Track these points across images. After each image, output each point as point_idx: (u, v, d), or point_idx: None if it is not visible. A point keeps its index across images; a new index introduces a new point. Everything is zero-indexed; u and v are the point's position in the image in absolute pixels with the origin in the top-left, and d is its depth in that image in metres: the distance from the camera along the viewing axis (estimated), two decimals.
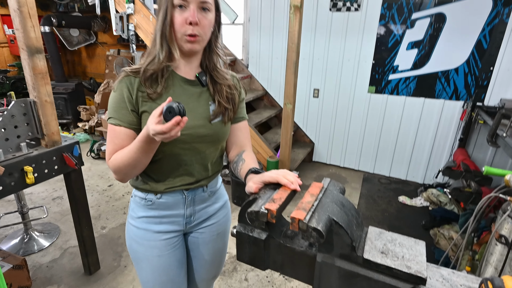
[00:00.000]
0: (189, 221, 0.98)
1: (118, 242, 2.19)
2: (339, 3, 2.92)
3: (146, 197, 0.92)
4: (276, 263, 0.62)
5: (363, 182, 3.12)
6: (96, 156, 3.55)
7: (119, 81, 0.83)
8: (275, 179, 0.68)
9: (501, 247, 1.27)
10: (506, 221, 1.23)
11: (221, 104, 0.89)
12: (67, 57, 5.20)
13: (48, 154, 1.50)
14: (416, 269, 0.48)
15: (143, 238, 0.94)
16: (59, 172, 1.56)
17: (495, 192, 1.32)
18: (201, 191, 0.96)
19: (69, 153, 1.58)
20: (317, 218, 0.51)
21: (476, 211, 1.41)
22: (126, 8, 3.00)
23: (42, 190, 2.87)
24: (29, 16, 1.34)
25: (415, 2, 2.65)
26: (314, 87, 3.31)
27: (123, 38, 3.26)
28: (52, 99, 1.51)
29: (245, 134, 0.99)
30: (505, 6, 2.39)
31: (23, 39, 1.35)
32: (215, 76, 0.90)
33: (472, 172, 2.26)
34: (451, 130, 2.81)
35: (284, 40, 3.24)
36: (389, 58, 2.88)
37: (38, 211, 2.53)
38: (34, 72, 1.40)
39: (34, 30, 1.37)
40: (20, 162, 1.38)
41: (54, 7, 4.47)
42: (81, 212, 1.74)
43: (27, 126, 1.47)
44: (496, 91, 2.57)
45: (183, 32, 0.79)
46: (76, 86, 4.15)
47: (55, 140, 1.54)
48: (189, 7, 0.78)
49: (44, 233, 2.24)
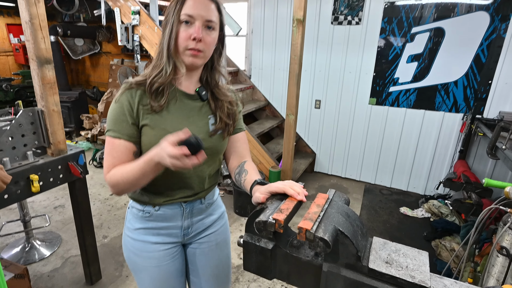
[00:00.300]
0: (187, 233, 0.99)
1: (120, 252, 2.19)
2: (340, 17, 3.02)
3: (144, 209, 0.94)
4: (283, 273, 0.63)
5: (365, 193, 3.16)
6: (99, 164, 3.59)
7: (120, 93, 0.85)
8: (282, 189, 0.69)
9: (502, 258, 1.28)
10: (506, 233, 1.25)
11: (222, 120, 0.92)
12: (71, 66, 5.30)
13: (53, 162, 1.52)
14: (420, 278, 0.49)
15: (141, 249, 0.95)
16: (64, 180, 1.59)
17: (495, 204, 1.35)
18: (198, 203, 0.98)
19: (75, 162, 1.60)
20: (323, 228, 0.53)
21: (477, 223, 1.43)
22: (131, 19, 3.09)
23: (44, 199, 2.90)
24: (40, 28, 1.39)
25: (415, 16, 2.75)
26: (316, 98, 3.38)
27: (127, 48, 3.34)
28: (60, 108, 1.55)
29: (244, 145, 1.01)
30: (502, 21, 2.49)
31: (33, 50, 1.40)
32: (216, 93, 0.93)
33: (473, 183, 2.30)
34: (451, 142, 2.87)
35: (286, 52, 3.34)
36: (390, 71, 2.96)
37: (40, 220, 2.55)
38: (43, 82, 1.45)
39: (44, 41, 1.42)
40: (26, 170, 1.41)
41: (60, 17, 4.60)
42: (84, 220, 1.75)
43: (34, 135, 1.50)
44: (495, 104, 2.64)
45: (186, 46, 0.82)
46: (79, 95, 4.24)
47: (61, 149, 1.58)
48: (194, 24, 0.81)
49: (46, 242, 2.25)
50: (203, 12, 0.81)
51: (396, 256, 0.54)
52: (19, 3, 1.37)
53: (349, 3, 2.96)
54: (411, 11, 2.75)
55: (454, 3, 2.59)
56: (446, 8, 2.62)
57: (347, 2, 2.96)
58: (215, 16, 0.84)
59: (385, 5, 2.82)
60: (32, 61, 1.42)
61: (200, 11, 0.81)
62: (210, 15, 0.82)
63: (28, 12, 1.34)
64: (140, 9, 2.98)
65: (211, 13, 0.82)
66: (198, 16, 0.81)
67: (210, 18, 0.82)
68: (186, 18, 0.81)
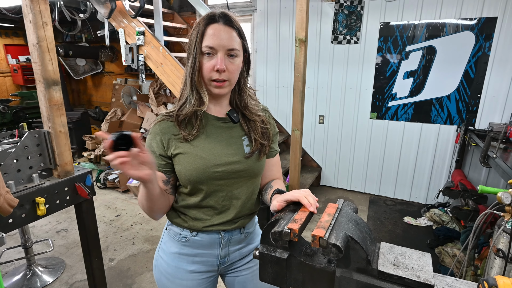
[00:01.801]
0: (223, 262, 1.01)
1: (128, 274, 2.23)
2: (339, 37, 3.37)
3: (181, 232, 0.96)
4: (297, 281, 0.68)
5: (370, 204, 3.43)
6: (103, 186, 3.69)
7: (153, 125, 0.92)
8: (296, 197, 0.74)
9: (499, 260, 1.38)
10: (501, 236, 1.36)
11: (257, 141, 0.94)
12: (72, 86, 5.43)
13: (60, 184, 1.53)
14: (424, 277, 0.55)
15: (174, 275, 0.98)
16: (70, 202, 1.60)
17: (490, 209, 1.45)
18: (238, 232, 0.99)
19: (82, 183, 1.62)
20: (335, 235, 0.58)
21: (475, 228, 1.55)
22: (136, 39, 3.27)
23: (45, 223, 2.89)
24: (47, 50, 1.43)
25: (408, 36, 3.11)
26: (319, 114, 3.70)
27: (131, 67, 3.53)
28: (67, 129, 1.58)
29: (278, 168, 1.06)
30: (486, 40, 2.86)
31: (40, 72, 1.44)
32: (248, 115, 0.95)
33: (469, 191, 2.58)
34: (447, 152, 3.20)
35: (290, 70, 3.65)
36: (388, 86, 3.30)
37: (42, 245, 2.54)
38: (50, 104, 1.48)
39: (52, 63, 1.46)
40: (32, 193, 1.41)
41: (60, 38, 4.77)
42: (92, 243, 1.76)
43: (40, 156, 1.51)
44: (485, 116, 2.99)
45: (210, 77, 0.85)
46: (81, 115, 4.36)
47: (68, 170, 1.59)
48: (216, 55, 0.83)
49: (49, 268, 2.24)
50: (225, 41, 0.83)
51: (402, 258, 0.61)
52: (26, 26, 1.42)
53: (347, 24, 3.31)
54: (405, 30, 3.11)
55: (442, 24, 2.96)
56: (436, 28, 2.99)
57: (345, 22, 3.31)
58: (237, 43, 0.85)
59: (381, 25, 3.18)
60: (39, 83, 1.46)
61: (221, 41, 0.82)
62: (232, 43, 0.84)
63: (36, 34, 1.39)
64: (145, 30, 3.20)
65: (233, 41, 0.84)
66: (220, 46, 0.82)
67: (232, 46, 0.84)
68: (207, 50, 0.83)
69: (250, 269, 1.05)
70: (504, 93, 2.86)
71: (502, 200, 1.34)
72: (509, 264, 1.34)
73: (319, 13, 3.40)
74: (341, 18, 3.31)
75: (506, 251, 1.33)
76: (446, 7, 2.90)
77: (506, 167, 1.98)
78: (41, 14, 1.39)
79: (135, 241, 2.66)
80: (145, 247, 2.59)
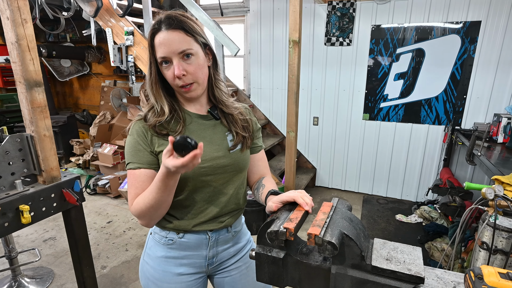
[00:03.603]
0: (211, 263, 1.04)
1: (121, 281, 2.26)
2: (332, 39, 3.61)
3: (167, 235, 0.98)
4: (294, 280, 0.72)
5: (363, 203, 3.71)
6: (93, 191, 3.73)
7: (132, 125, 0.94)
8: (292, 197, 0.78)
9: (484, 252, 1.48)
10: (486, 229, 1.47)
11: (238, 134, 0.99)
12: (57, 89, 5.38)
13: (46, 191, 1.51)
14: (415, 270, 0.60)
15: (162, 280, 0.99)
16: (58, 209, 1.57)
17: (475, 204, 1.59)
18: (225, 231, 1.03)
19: (70, 189, 1.60)
20: (330, 233, 0.62)
21: (461, 223, 1.70)
22: (125, 39, 3.30)
23: (31, 232, 2.89)
24: (28, 49, 1.40)
25: (399, 38, 3.38)
26: (313, 115, 3.94)
27: (120, 69, 3.56)
28: (52, 133, 1.55)
29: (264, 163, 1.11)
30: (471, 43, 3.16)
31: (20, 72, 1.40)
32: (224, 109, 1.00)
33: (456, 188, 2.86)
34: (436, 151, 3.52)
35: (284, 72, 3.86)
36: (380, 88, 3.57)
37: (28, 255, 2.53)
38: (32, 106, 1.45)
39: (33, 63, 1.43)
40: (15, 201, 1.39)
41: (43, 37, 4.74)
42: (82, 251, 1.76)
43: (23, 162, 1.49)
44: (470, 116, 3.30)
45: (176, 85, 0.89)
46: (68, 119, 4.35)
47: (54, 176, 1.57)
48: (172, 62, 0.86)
49: (36, 278, 2.23)
50: (173, 47, 0.84)
51: (395, 253, 0.66)
52: (3, 23, 1.38)
53: (339, 26, 3.55)
54: (395, 33, 3.38)
55: (430, 27, 3.24)
56: (425, 31, 3.27)
57: (338, 24, 3.55)
58: (187, 42, 0.86)
59: (372, 28, 3.43)
60: (19, 84, 1.43)
61: (169, 48, 0.84)
62: (181, 46, 0.85)
63: (14, 32, 1.35)
64: (134, 30, 3.23)
65: (181, 43, 0.85)
66: (171, 54, 0.85)
67: (182, 49, 0.85)
68: (161, 59, 0.87)
69: (239, 268, 1.09)
70: (487, 94, 3.18)
71: (486, 195, 1.46)
72: (492, 255, 1.45)
73: (312, 15, 3.63)
74: (334, 20, 3.55)
75: (490, 243, 1.43)
76: (434, 11, 3.18)
77: (489, 164, 2.21)
78: (20, 11, 1.36)
79: (128, 247, 2.71)
80: (139, 253, 2.62)
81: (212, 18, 3.04)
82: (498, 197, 1.45)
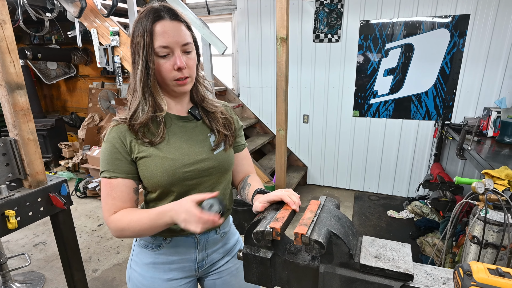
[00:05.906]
0: (201, 265, 1.01)
1: (113, 284, 2.23)
2: (321, 35, 3.54)
3: (153, 241, 0.95)
4: (282, 280, 0.71)
5: (355, 200, 3.66)
6: (83, 195, 3.67)
7: (109, 131, 0.87)
8: (279, 197, 0.76)
9: (474, 247, 1.50)
10: (476, 223, 1.49)
11: (220, 132, 0.96)
12: (44, 92, 5.29)
13: (32, 195, 1.50)
14: (404, 268, 0.59)
15: (151, 286, 0.97)
16: (45, 214, 1.56)
17: (465, 199, 1.56)
18: (214, 233, 1.01)
19: (56, 192, 1.58)
20: (317, 232, 0.61)
21: (452, 217, 1.66)
22: (110, 40, 3.23)
23: (21, 237, 2.86)
24: (8, 51, 1.37)
25: (387, 33, 3.33)
26: (303, 113, 3.88)
27: (107, 70, 3.48)
28: (36, 136, 1.53)
29: (248, 161, 1.10)
30: (460, 37, 3.12)
31: (1, 75, 1.38)
32: (206, 107, 0.97)
33: (447, 183, 2.84)
34: (426, 146, 3.48)
35: (273, 70, 3.80)
36: (369, 84, 3.52)
37: (18, 260, 2.51)
38: (14, 109, 1.43)
39: (14, 65, 1.40)
40: (0, 206, 1.37)
41: (28, 39, 4.64)
42: (71, 255, 1.74)
43: (7, 166, 1.46)
44: (460, 111, 3.27)
45: (172, 77, 0.84)
46: (55, 122, 4.28)
47: (40, 180, 1.55)
48: (173, 53, 0.83)
49: (26, 283, 2.21)
50: (178, 38, 0.82)
51: (384, 250, 0.65)
52: None
53: (328, 22, 3.49)
54: (384, 28, 3.32)
55: (419, 21, 3.19)
56: (413, 26, 3.22)
57: (326, 21, 3.49)
58: (189, 36, 0.86)
59: (361, 23, 3.38)
60: (0, 87, 1.42)
61: (174, 38, 0.82)
62: (185, 38, 0.84)
63: None
64: (119, 30, 3.17)
65: (185, 36, 0.84)
66: (174, 44, 0.82)
67: (186, 41, 0.84)
68: (164, 51, 0.82)
69: (229, 269, 1.07)
70: (477, 88, 3.14)
71: (476, 189, 1.45)
72: (483, 249, 1.46)
73: (300, 12, 3.56)
74: (322, 16, 3.49)
75: (481, 237, 1.45)
76: (423, 4, 3.13)
77: (479, 158, 2.18)
78: None
79: (120, 250, 2.68)
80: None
81: (198, 17, 2.96)
82: (488, 191, 1.43)
